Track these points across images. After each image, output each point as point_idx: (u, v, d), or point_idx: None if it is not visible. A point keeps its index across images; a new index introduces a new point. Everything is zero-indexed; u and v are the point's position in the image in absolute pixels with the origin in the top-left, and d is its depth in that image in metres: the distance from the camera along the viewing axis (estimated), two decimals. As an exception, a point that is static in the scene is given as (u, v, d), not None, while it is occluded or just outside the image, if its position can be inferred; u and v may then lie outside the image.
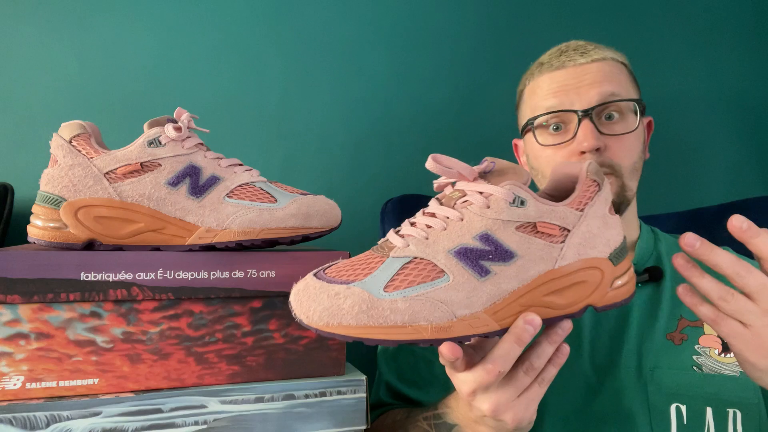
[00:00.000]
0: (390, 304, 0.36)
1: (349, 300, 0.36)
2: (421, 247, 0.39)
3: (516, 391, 0.42)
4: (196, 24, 0.92)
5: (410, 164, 0.99)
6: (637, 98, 0.68)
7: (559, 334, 0.42)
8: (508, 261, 0.39)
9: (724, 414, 0.57)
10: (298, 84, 0.96)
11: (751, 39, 1.13)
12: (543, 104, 0.68)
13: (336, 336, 0.37)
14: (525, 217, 0.39)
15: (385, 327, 0.36)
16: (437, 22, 1.02)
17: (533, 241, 0.39)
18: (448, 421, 0.51)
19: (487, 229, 0.39)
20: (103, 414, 0.43)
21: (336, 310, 0.36)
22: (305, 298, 0.38)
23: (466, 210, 0.40)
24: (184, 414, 0.45)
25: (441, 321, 0.37)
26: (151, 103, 0.90)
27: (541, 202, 0.40)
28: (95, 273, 0.44)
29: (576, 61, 0.67)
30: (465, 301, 0.38)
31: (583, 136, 0.63)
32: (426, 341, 0.37)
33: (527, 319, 0.39)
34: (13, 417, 0.41)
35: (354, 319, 0.36)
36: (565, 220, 0.41)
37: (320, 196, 0.51)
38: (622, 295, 0.44)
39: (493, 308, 0.39)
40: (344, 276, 0.38)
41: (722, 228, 0.86)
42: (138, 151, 0.46)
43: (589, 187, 0.42)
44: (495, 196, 0.39)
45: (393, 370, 0.70)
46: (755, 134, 1.13)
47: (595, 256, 0.42)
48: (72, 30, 0.88)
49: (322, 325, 0.37)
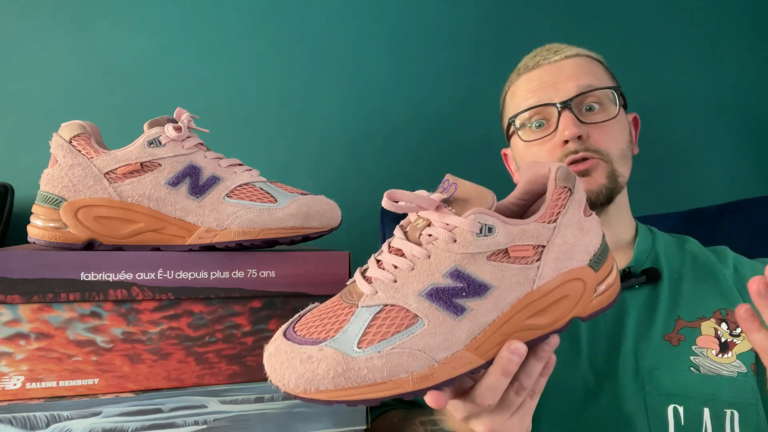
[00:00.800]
0: (366, 362, 0.35)
1: (323, 364, 0.35)
2: (390, 293, 0.37)
3: (508, 412, 0.41)
4: (196, 24, 0.92)
5: (410, 164, 0.99)
6: (615, 85, 0.69)
7: (546, 350, 0.40)
8: (483, 294, 0.37)
9: (721, 414, 0.57)
10: (298, 84, 0.96)
11: (751, 39, 1.13)
12: (523, 104, 0.70)
13: (316, 402, 0.35)
14: (495, 245, 0.37)
15: (364, 386, 0.35)
16: (437, 23, 1.02)
17: (507, 267, 0.37)
18: (444, 428, 0.51)
19: (456, 265, 0.37)
20: (103, 414, 0.43)
21: (311, 376, 0.35)
22: (278, 364, 0.36)
23: (432, 246, 0.37)
24: (184, 414, 0.45)
25: (422, 370, 0.35)
26: (151, 103, 0.90)
27: (510, 224, 0.38)
28: (95, 273, 0.44)
29: (550, 60, 0.69)
30: (443, 343, 0.36)
31: (564, 125, 0.65)
32: (409, 393, 0.35)
33: (511, 348, 0.37)
34: (13, 417, 0.41)
35: (332, 383, 0.35)
36: (538, 237, 0.38)
37: (320, 196, 0.51)
38: (606, 299, 0.42)
39: (474, 344, 0.37)
40: (314, 334, 0.37)
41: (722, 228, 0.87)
42: (138, 151, 0.46)
43: (560, 195, 0.40)
44: (460, 228, 0.37)
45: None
46: (754, 134, 1.13)
47: (575, 267, 0.39)
48: (72, 30, 0.88)
49: (300, 392, 0.35)
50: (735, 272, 0.66)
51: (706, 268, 0.67)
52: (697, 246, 0.71)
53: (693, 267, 0.67)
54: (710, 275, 0.66)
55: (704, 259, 0.68)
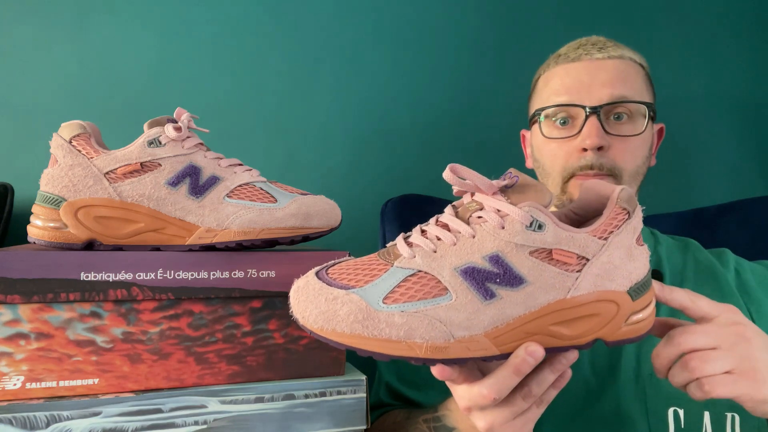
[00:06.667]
0: (387, 317, 0.36)
1: (345, 307, 0.36)
2: (427, 261, 0.37)
3: (512, 414, 0.41)
4: (196, 24, 0.92)
5: (410, 164, 0.99)
6: (649, 102, 0.67)
7: (563, 363, 0.40)
8: (516, 286, 0.37)
9: (722, 418, 0.57)
10: (298, 84, 0.96)
11: (751, 39, 1.13)
12: (554, 98, 0.67)
13: (329, 341, 0.36)
14: (541, 243, 0.37)
15: (379, 339, 0.36)
16: (438, 23, 1.02)
17: (547, 268, 0.37)
18: (447, 424, 0.51)
19: (498, 251, 0.37)
20: (103, 414, 0.43)
21: (332, 316, 0.36)
22: (303, 298, 0.37)
23: (479, 227, 0.38)
24: (184, 414, 0.45)
25: (437, 340, 0.36)
26: (151, 103, 0.90)
27: (561, 227, 0.38)
28: (95, 273, 0.44)
29: (593, 56, 0.67)
30: (465, 322, 0.36)
31: (587, 133, 0.63)
32: (419, 359, 0.36)
33: (529, 350, 0.37)
34: (13, 417, 0.41)
35: (349, 327, 0.36)
36: (585, 248, 0.38)
37: (320, 196, 0.51)
38: (637, 331, 0.41)
39: (494, 332, 0.37)
40: (345, 279, 0.38)
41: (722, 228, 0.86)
42: (138, 151, 0.46)
43: (618, 215, 0.40)
44: (511, 217, 0.37)
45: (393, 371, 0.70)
46: (755, 134, 1.13)
47: (613, 289, 0.39)
48: (72, 30, 0.88)
49: (317, 328, 0.36)
50: (736, 275, 0.66)
51: (708, 270, 0.67)
52: (699, 248, 0.70)
53: (695, 269, 0.67)
54: (712, 277, 0.66)
55: (706, 261, 0.68)
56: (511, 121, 0.83)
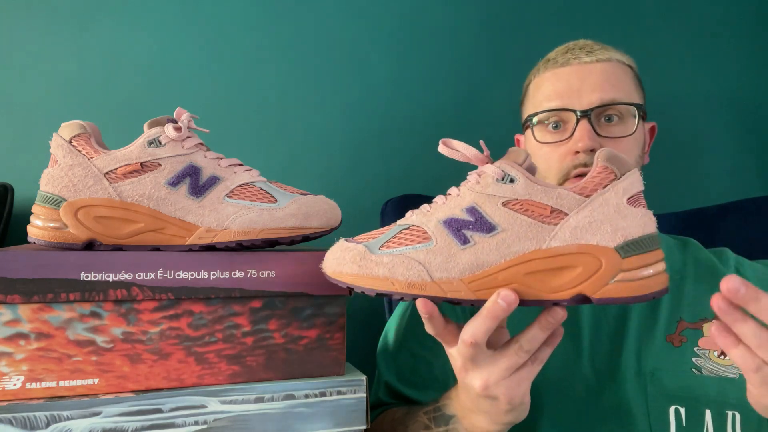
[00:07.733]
0: (377, 258, 0.42)
1: (350, 253, 0.43)
2: (420, 217, 0.44)
3: (507, 369, 0.42)
4: (196, 24, 0.92)
5: (410, 164, 0.99)
6: (639, 103, 0.68)
7: (551, 321, 0.41)
8: (489, 233, 0.41)
9: (723, 416, 0.57)
10: (298, 84, 0.96)
11: (751, 39, 1.13)
12: (545, 104, 0.68)
13: (338, 282, 0.43)
14: (512, 194, 0.41)
15: (369, 277, 0.42)
16: (437, 23, 1.02)
17: (518, 217, 0.41)
18: (446, 412, 0.51)
19: (474, 203, 0.42)
20: (103, 414, 0.43)
21: (341, 260, 0.43)
22: (329, 253, 0.44)
23: (463, 187, 0.44)
24: (184, 414, 0.45)
25: (415, 279, 0.41)
26: (151, 103, 0.90)
27: (534, 181, 0.42)
28: (95, 273, 0.44)
29: (581, 60, 0.68)
30: (443, 264, 0.41)
31: (579, 136, 0.64)
32: (398, 294, 0.41)
33: (501, 295, 0.40)
34: (13, 417, 0.41)
35: (349, 268, 0.42)
36: (560, 202, 0.41)
37: (320, 196, 0.51)
38: (629, 290, 0.40)
39: (470, 278, 0.41)
40: (364, 239, 0.44)
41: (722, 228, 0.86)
42: (138, 151, 0.46)
43: (599, 173, 0.42)
44: (486, 173, 0.43)
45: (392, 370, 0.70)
46: (755, 134, 1.13)
47: (596, 243, 0.40)
48: (72, 30, 0.88)
49: (330, 272, 0.44)
50: (736, 274, 0.66)
51: (708, 269, 0.67)
52: (699, 248, 0.71)
53: (695, 268, 0.67)
54: (712, 277, 0.66)
55: (706, 260, 0.68)
56: (511, 122, 0.83)
